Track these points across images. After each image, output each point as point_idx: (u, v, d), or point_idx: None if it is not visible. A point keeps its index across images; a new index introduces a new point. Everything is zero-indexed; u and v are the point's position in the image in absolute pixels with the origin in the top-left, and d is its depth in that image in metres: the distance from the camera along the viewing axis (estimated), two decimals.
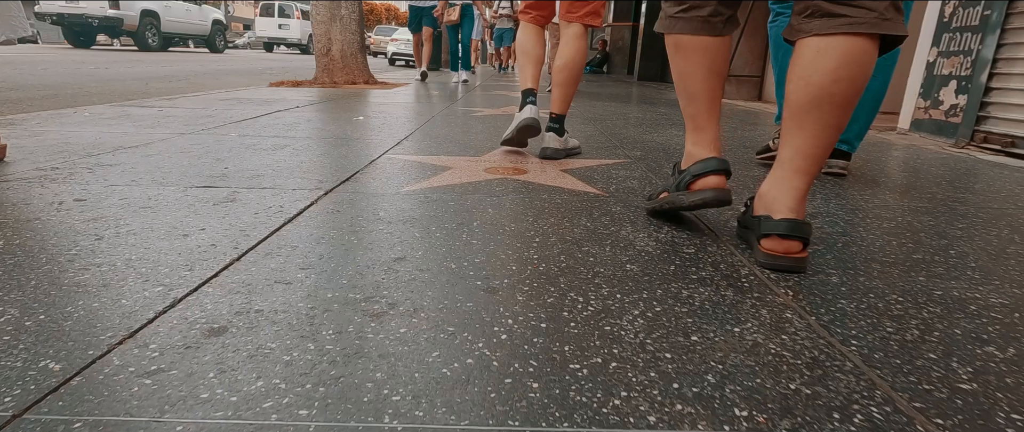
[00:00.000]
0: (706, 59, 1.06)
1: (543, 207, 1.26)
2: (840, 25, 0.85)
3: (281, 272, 0.85)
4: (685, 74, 1.09)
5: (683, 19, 1.06)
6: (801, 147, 0.91)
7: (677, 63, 1.10)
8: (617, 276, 0.87)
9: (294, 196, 1.28)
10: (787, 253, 0.91)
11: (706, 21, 1.04)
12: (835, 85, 0.86)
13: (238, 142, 1.99)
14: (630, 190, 1.45)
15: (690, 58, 1.07)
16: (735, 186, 1.54)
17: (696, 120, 1.11)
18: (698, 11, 1.04)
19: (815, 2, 0.88)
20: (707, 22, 1.04)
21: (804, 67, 0.89)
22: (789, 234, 0.90)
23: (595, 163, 1.82)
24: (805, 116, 0.90)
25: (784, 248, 0.91)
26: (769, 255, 0.92)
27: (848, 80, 0.86)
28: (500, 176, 1.57)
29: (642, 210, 1.26)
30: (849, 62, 0.86)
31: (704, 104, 1.09)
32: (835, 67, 0.86)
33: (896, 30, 0.85)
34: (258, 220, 1.10)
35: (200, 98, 3.63)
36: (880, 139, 2.70)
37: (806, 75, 0.89)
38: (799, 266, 0.91)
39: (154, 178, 1.41)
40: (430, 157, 1.84)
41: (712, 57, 1.06)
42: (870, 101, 1.70)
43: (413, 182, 1.47)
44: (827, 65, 0.87)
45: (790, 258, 0.91)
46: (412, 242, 1.00)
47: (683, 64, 1.09)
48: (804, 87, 0.89)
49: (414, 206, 1.23)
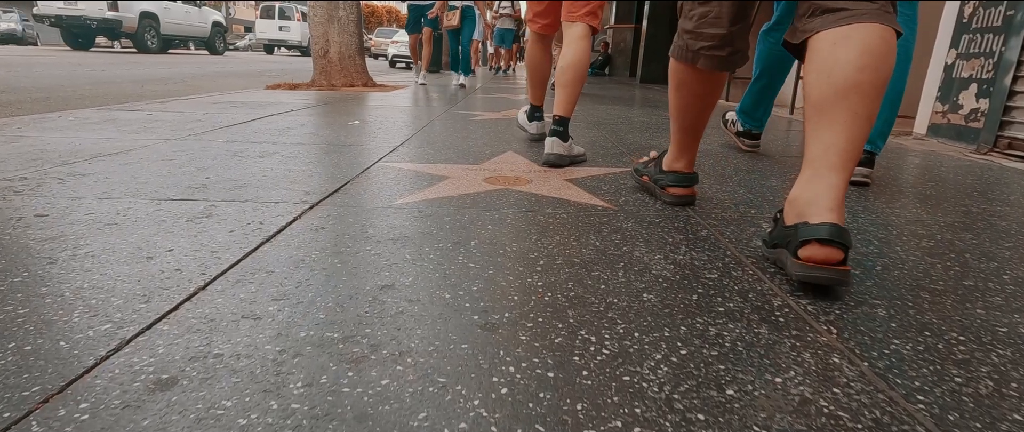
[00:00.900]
0: (708, 91, 1.20)
1: (547, 223, 1.15)
2: (843, 18, 0.84)
3: (251, 304, 0.75)
4: (684, 108, 1.24)
5: (705, 56, 1.14)
6: (833, 142, 0.84)
7: (680, 96, 1.23)
8: (633, 308, 0.76)
9: (276, 210, 1.18)
10: (827, 261, 0.79)
11: (723, 60, 1.13)
12: (860, 73, 0.82)
13: (224, 149, 1.89)
14: (641, 203, 1.34)
15: (695, 90, 1.20)
16: (733, 186, 1.44)
17: (682, 145, 1.30)
18: (719, 51, 1.12)
19: (816, 2, 0.89)
20: (724, 61, 1.14)
21: (823, 61, 0.85)
22: (830, 240, 0.79)
23: (602, 172, 1.72)
24: (833, 109, 0.84)
25: (824, 255, 0.79)
26: (807, 266, 0.80)
27: (872, 68, 0.82)
28: (500, 187, 1.47)
29: (656, 227, 1.15)
30: (870, 49, 0.82)
31: (692, 136, 1.29)
32: (858, 55, 0.82)
33: (894, 25, 0.84)
34: (233, 239, 0.99)
35: (193, 101, 3.53)
36: (896, 145, 2.59)
37: (827, 68, 0.85)
38: (842, 279, 0.79)
39: (128, 190, 1.31)
40: (426, 165, 1.74)
41: (714, 90, 1.21)
42: (887, 99, 1.62)
43: (407, 193, 1.36)
44: (848, 54, 0.83)
45: (831, 269, 0.79)
46: (402, 266, 0.90)
47: (682, 100, 1.23)
48: (826, 80, 0.84)
49: (407, 222, 1.13)
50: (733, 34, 1.10)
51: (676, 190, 1.33)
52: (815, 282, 0.80)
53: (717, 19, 1.08)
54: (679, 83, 1.21)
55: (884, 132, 1.66)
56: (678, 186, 1.33)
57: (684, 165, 1.33)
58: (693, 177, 1.34)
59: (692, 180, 1.33)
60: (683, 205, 1.33)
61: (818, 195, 0.83)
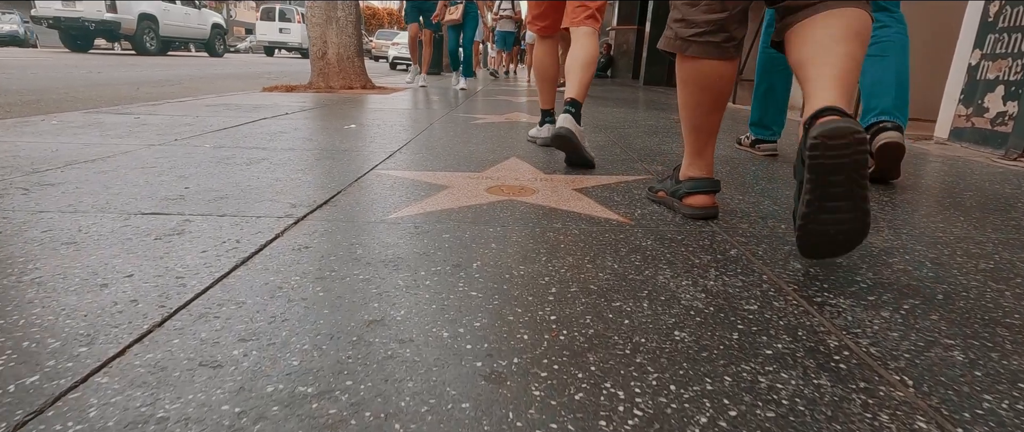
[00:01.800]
0: (715, 86, 1.13)
1: (558, 241, 1.03)
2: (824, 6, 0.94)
3: (213, 346, 0.63)
4: (692, 107, 1.18)
5: (697, 43, 1.10)
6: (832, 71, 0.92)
7: (686, 95, 1.18)
8: (665, 351, 0.65)
9: (257, 226, 1.06)
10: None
11: (718, 46, 1.09)
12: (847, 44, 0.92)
13: (210, 155, 1.77)
14: (659, 217, 1.22)
15: (699, 85, 1.14)
16: (738, 182, 1.32)
17: (695, 146, 1.22)
18: (712, 37, 1.09)
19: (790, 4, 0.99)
20: (719, 47, 1.09)
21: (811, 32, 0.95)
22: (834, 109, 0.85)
23: (613, 180, 1.60)
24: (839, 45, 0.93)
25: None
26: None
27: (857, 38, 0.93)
28: (504, 198, 1.35)
29: (678, 245, 1.03)
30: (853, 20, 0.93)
31: (705, 135, 1.20)
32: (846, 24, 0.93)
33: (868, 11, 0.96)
34: (204, 261, 0.88)
35: (186, 104, 3.42)
36: (918, 149, 2.47)
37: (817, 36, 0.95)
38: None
39: (96, 202, 1.19)
40: (425, 173, 1.62)
41: (722, 84, 1.13)
42: (893, 74, 1.66)
43: (403, 205, 1.25)
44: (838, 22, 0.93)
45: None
46: (394, 295, 0.78)
47: (691, 97, 1.17)
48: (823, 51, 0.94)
49: (401, 240, 1.01)
50: (726, 20, 1.08)
51: (696, 199, 1.21)
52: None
53: (710, 5, 1.08)
54: (685, 79, 1.17)
55: (900, 107, 1.65)
56: (697, 193, 1.21)
57: (701, 169, 1.22)
58: (713, 183, 1.22)
59: (712, 186, 1.21)
60: (705, 219, 1.21)
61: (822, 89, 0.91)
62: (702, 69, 1.12)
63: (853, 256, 0.99)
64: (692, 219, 1.21)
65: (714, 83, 1.13)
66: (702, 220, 1.20)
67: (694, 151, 1.23)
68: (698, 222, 1.18)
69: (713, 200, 1.22)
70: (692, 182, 1.22)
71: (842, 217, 0.82)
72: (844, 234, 0.84)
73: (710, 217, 1.21)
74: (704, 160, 1.22)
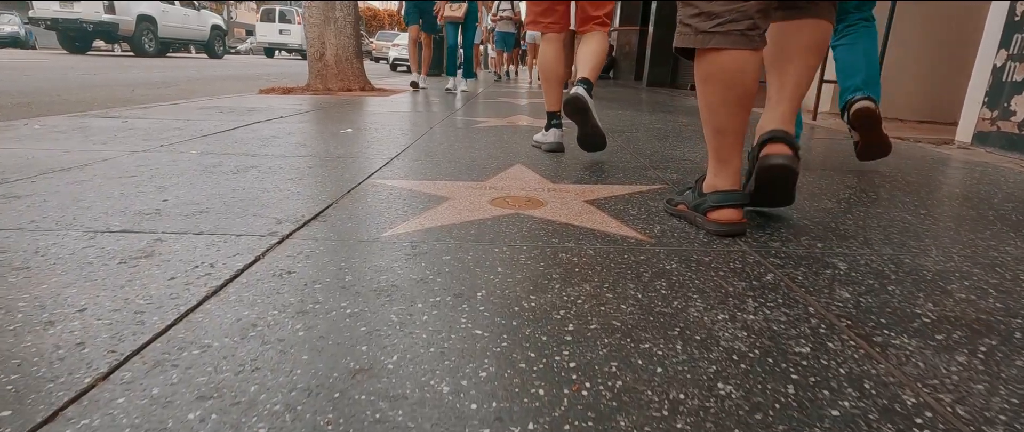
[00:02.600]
0: (739, 87, 1.04)
1: (571, 264, 0.92)
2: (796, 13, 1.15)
3: (164, 407, 0.52)
4: (715, 107, 1.08)
5: (719, 33, 1.03)
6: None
7: (708, 94, 1.09)
8: (710, 413, 0.54)
9: (236, 246, 0.95)
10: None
11: (744, 35, 1.02)
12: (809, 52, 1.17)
13: (195, 162, 1.66)
14: (682, 234, 1.11)
15: (723, 88, 1.05)
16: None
17: (720, 153, 1.11)
18: (735, 25, 1.01)
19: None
20: (745, 36, 1.02)
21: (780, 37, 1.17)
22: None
23: (626, 191, 1.49)
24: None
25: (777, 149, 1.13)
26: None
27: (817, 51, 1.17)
28: (510, 211, 1.24)
29: (707, 269, 0.92)
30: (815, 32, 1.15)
31: (731, 139, 1.09)
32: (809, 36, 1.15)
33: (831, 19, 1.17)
34: (170, 291, 0.77)
35: (179, 107, 3.32)
36: (940, 155, 2.36)
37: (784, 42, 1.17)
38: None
39: (63, 217, 1.09)
40: (424, 182, 1.51)
41: (746, 80, 1.04)
42: (862, 57, 1.84)
43: (399, 221, 1.14)
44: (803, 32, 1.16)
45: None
46: (386, 335, 0.67)
47: (714, 96, 1.07)
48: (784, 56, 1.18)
49: (396, 263, 0.90)
50: (749, 7, 1.01)
51: (722, 213, 1.09)
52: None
53: None
54: (706, 76, 1.08)
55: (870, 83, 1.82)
56: (724, 207, 1.09)
57: (727, 179, 1.11)
58: (742, 195, 1.10)
59: (741, 199, 1.10)
60: (732, 235, 1.09)
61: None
62: (726, 63, 1.03)
63: (906, 282, 0.88)
64: (718, 236, 1.10)
65: (739, 78, 1.04)
66: (729, 237, 1.09)
67: (719, 158, 1.11)
68: (725, 240, 1.07)
69: (741, 215, 1.10)
70: (718, 195, 1.10)
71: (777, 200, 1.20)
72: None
73: (738, 234, 1.10)
74: (731, 168, 1.11)
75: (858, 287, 0.85)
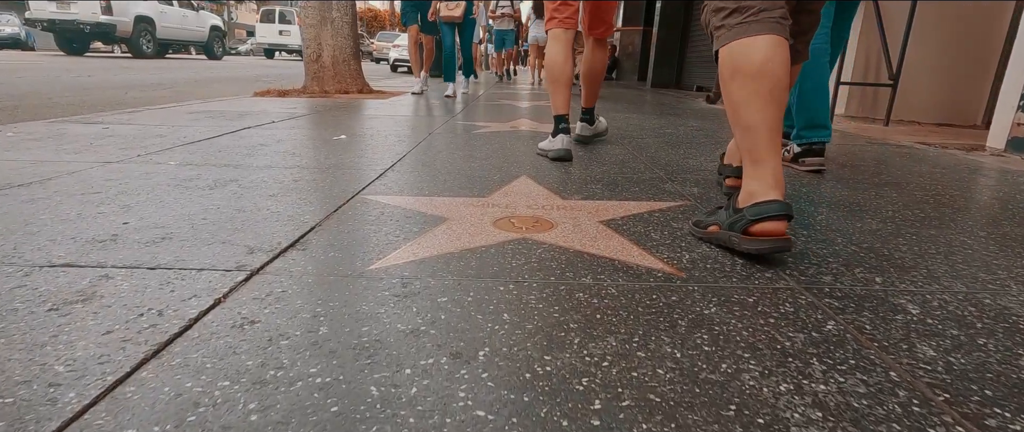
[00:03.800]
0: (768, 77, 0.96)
1: (591, 308, 0.78)
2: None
3: None
4: (741, 104, 0.99)
5: (754, 22, 0.98)
6: None
7: (734, 91, 1.00)
8: None
9: (194, 285, 0.81)
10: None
11: (778, 22, 0.98)
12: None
13: (171, 175, 1.52)
14: (716, 265, 0.96)
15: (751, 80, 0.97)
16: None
17: (754, 153, 0.99)
18: (769, 13, 0.98)
19: None
20: (779, 23, 0.98)
21: None
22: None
23: (644, 208, 1.34)
24: None
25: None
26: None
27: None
28: (516, 235, 1.09)
29: (753, 313, 0.77)
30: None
31: (764, 135, 0.97)
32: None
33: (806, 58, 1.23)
34: (101, 353, 0.62)
35: (167, 110, 3.18)
36: (974, 162, 2.20)
37: None
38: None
39: (2, 246, 0.94)
40: (420, 198, 1.36)
41: (776, 70, 0.96)
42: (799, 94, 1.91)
43: (389, 248, 0.99)
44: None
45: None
46: (363, 418, 0.52)
47: (742, 89, 0.99)
48: None
49: (382, 308, 0.76)
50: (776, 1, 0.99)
51: (763, 226, 0.93)
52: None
53: None
54: (734, 69, 1.00)
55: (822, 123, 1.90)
56: (764, 219, 0.93)
57: (766, 184, 0.96)
58: (784, 206, 0.94)
59: (784, 210, 0.93)
60: (778, 251, 0.94)
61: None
62: (754, 54, 0.97)
63: (997, 332, 0.73)
64: (759, 255, 0.96)
65: (769, 67, 0.95)
66: (771, 254, 0.95)
67: (754, 159, 0.98)
68: (767, 274, 0.92)
69: (784, 227, 0.94)
70: (756, 207, 0.95)
71: None
72: None
73: (782, 250, 0.94)
74: (768, 170, 0.96)
75: (942, 341, 0.70)
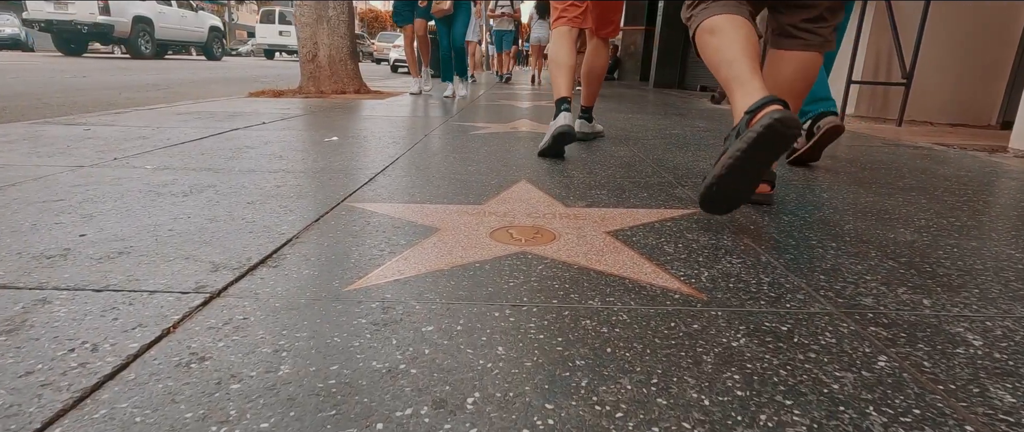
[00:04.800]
0: (741, 32, 1.14)
1: (601, 339, 0.67)
2: (798, 45, 1.28)
3: None
4: (721, 47, 1.15)
5: (713, 4, 1.19)
6: None
7: (711, 42, 1.17)
8: None
9: (142, 312, 0.70)
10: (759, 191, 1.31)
11: (737, 4, 1.18)
12: (793, 84, 1.30)
13: (144, 181, 1.41)
14: (739, 284, 0.85)
15: (724, 31, 1.15)
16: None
17: (739, 78, 1.09)
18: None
19: (785, 27, 1.28)
20: (738, 5, 1.18)
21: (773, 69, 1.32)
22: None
23: (655, 216, 1.23)
24: None
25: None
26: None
27: (802, 80, 1.30)
28: (514, 248, 0.99)
29: (792, 347, 0.66)
30: (803, 69, 1.29)
31: (746, 63, 1.10)
32: (793, 72, 1.29)
33: (832, 49, 1.31)
34: (6, 406, 0.52)
35: (157, 111, 3.07)
36: (999, 165, 2.09)
37: (775, 74, 1.31)
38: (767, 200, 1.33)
39: None
40: (410, 205, 1.26)
41: (745, 29, 1.14)
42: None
43: (372, 265, 0.88)
44: (789, 72, 1.30)
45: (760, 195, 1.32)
46: None
47: (717, 41, 1.15)
48: (772, 82, 1.29)
49: (357, 341, 0.65)
50: None
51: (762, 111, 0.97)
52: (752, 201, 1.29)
53: None
54: (708, 30, 1.18)
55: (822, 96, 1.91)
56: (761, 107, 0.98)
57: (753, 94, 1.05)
58: (773, 97, 1.00)
59: (772, 99, 1.00)
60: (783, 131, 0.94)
61: None
62: (716, 24, 1.16)
63: None
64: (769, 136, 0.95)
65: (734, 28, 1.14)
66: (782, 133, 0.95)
67: (740, 83, 1.08)
68: (799, 296, 0.81)
69: (780, 107, 0.97)
70: (749, 111, 1.00)
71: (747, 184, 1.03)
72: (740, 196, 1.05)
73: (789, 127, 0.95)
74: (753, 84, 1.06)
75: (1019, 383, 0.59)
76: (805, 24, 1.26)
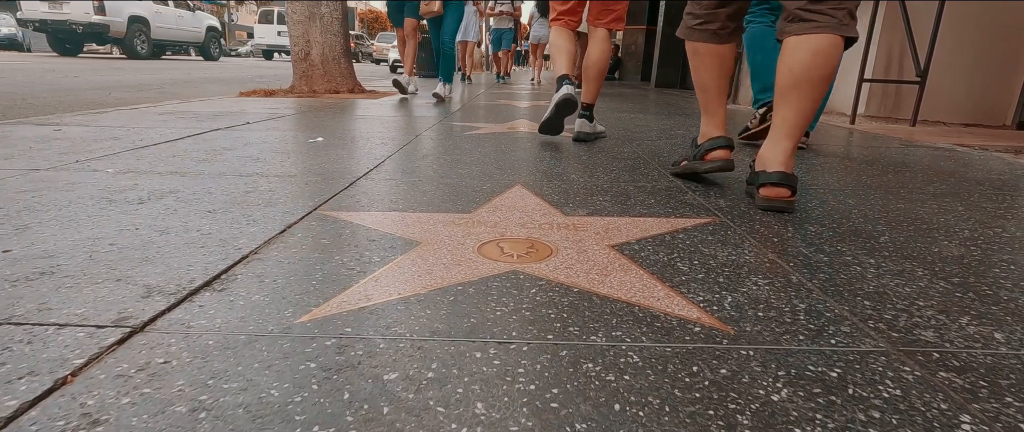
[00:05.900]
0: (716, 61, 1.44)
1: (607, 389, 0.53)
2: (810, 28, 1.18)
3: None
4: (699, 70, 1.47)
5: (698, 30, 1.43)
6: (787, 117, 1.22)
7: (694, 62, 1.48)
8: None
9: (40, 355, 0.57)
10: (779, 197, 1.21)
11: (715, 33, 1.41)
12: (809, 71, 1.18)
13: (101, 186, 1.28)
14: (769, 311, 0.72)
15: (704, 60, 1.45)
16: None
17: (708, 107, 1.47)
18: (710, 25, 1.41)
19: (793, 11, 1.21)
20: (716, 34, 1.41)
21: (787, 59, 1.21)
22: (780, 183, 1.20)
23: (665, 227, 1.10)
24: (790, 94, 1.21)
25: (776, 194, 1.21)
26: (766, 199, 1.21)
27: (819, 66, 1.18)
28: (505, 265, 0.85)
29: (849, 400, 0.53)
30: (819, 53, 1.17)
31: (713, 94, 1.46)
32: (809, 57, 1.18)
33: (851, 33, 1.18)
34: None
35: (137, 111, 2.94)
36: (1014, 162, 1.96)
37: (789, 63, 1.21)
38: (789, 207, 1.21)
39: None
40: (391, 214, 1.12)
41: (720, 59, 1.44)
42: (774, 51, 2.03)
43: (335, 288, 0.75)
44: (803, 56, 1.18)
45: (782, 201, 1.21)
46: None
47: (698, 64, 1.47)
48: (788, 73, 1.21)
49: (299, 396, 0.51)
50: (717, 14, 1.40)
51: (713, 154, 1.44)
52: (771, 209, 1.22)
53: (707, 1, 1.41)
54: (693, 51, 1.46)
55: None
56: (715, 149, 1.44)
57: (715, 127, 1.46)
58: (725, 139, 1.44)
59: (726, 142, 1.44)
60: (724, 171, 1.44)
61: (775, 154, 1.22)
62: (701, 49, 1.44)
63: None
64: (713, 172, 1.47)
65: (714, 59, 1.43)
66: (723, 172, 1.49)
67: (707, 111, 1.47)
68: (844, 328, 0.68)
69: (729, 154, 1.44)
70: (709, 141, 1.45)
71: None
72: None
73: (727, 169, 1.44)
74: (716, 119, 1.46)
75: None
76: (815, 4, 1.17)
